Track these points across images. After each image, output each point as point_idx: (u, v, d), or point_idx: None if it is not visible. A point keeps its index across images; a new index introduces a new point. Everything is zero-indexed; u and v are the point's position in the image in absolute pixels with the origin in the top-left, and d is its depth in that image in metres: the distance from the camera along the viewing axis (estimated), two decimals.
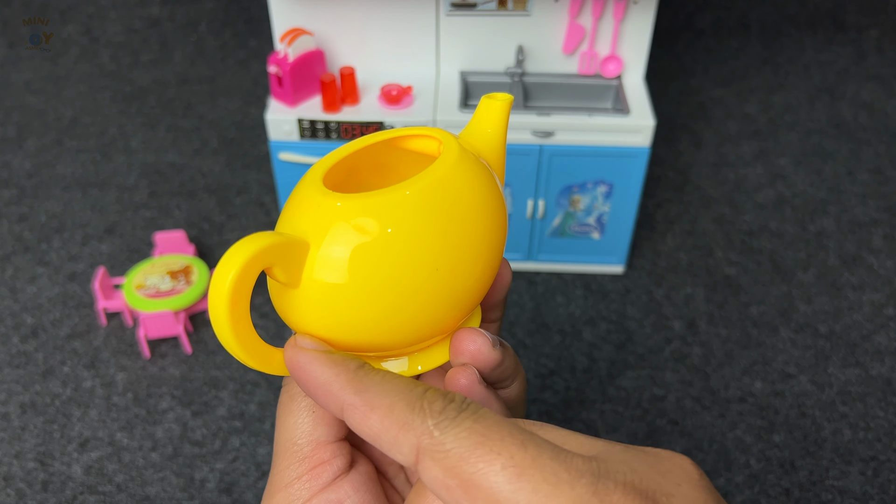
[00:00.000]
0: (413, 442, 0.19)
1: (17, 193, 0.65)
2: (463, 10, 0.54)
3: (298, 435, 0.25)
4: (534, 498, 0.18)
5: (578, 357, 0.52)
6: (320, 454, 0.25)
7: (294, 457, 0.25)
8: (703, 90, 0.80)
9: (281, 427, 0.26)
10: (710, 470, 0.46)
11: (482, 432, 0.19)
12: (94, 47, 0.83)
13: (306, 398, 0.26)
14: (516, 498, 0.18)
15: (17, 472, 0.45)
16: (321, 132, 0.53)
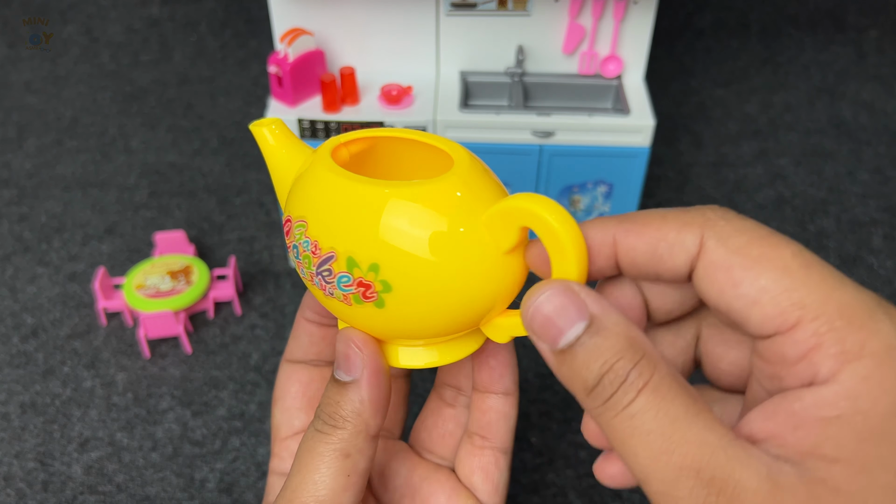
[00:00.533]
0: (697, 232, 0.21)
1: (17, 193, 0.65)
2: (463, 10, 0.54)
3: (321, 495, 0.25)
4: (822, 286, 0.19)
5: None
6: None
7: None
8: (703, 90, 0.80)
9: (299, 477, 0.25)
10: None
11: (769, 229, 0.21)
12: (94, 47, 0.83)
13: (340, 456, 0.25)
14: (807, 274, 0.19)
15: (17, 472, 0.45)
16: (321, 132, 0.53)
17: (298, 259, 0.25)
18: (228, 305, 0.55)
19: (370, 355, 0.26)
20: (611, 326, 0.20)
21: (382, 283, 0.23)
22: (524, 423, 0.48)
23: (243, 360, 0.52)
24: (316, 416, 0.26)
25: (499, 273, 0.24)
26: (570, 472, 0.46)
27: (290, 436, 0.31)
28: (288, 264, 0.59)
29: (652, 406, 0.19)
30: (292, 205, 0.25)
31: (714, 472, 0.19)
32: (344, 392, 0.25)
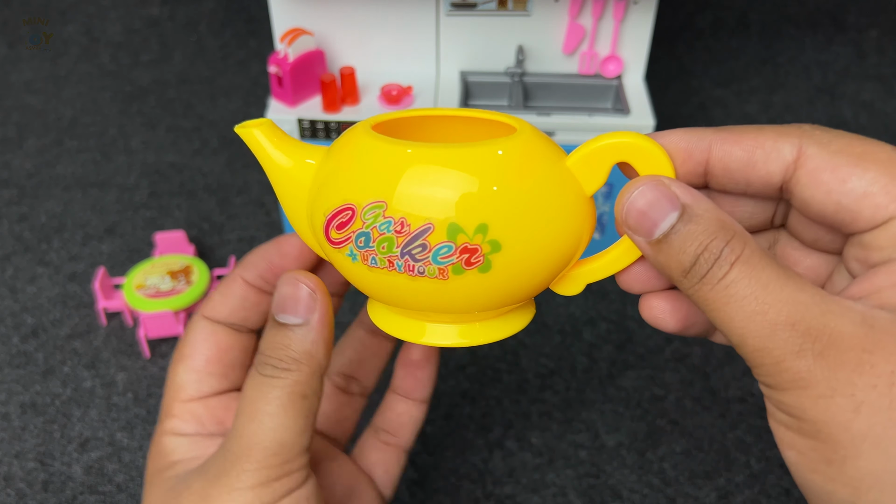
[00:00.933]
0: (794, 142, 0.22)
1: (17, 193, 0.65)
2: (463, 10, 0.54)
3: (282, 438, 0.25)
4: None
5: (578, 357, 0.52)
6: (295, 463, 0.25)
7: (269, 460, 0.24)
8: (703, 90, 0.80)
9: (254, 424, 0.25)
10: (710, 470, 0.46)
11: (861, 135, 0.22)
12: (94, 47, 0.83)
13: (297, 398, 0.25)
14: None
15: (17, 472, 0.45)
16: (321, 132, 0.53)
17: (367, 247, 0.23)
18: None
19: (323, 296, 0.26)
20: (702, 213, 0.22)
21: (491, 244, 0.23)
22: (524, 423, 0.48)
23: None
24: (261, 363, 0.25)
25: (586, 217, 0.25)
26: (570, 472, 0.46)
27: (196, 399, 0.29)
28: None
29: (745, 275, 0.21)
30: (349, 192, 0.24)
31: (809, 323, 0.20)
32: (291, 335, 0.25)
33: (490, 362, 0.52)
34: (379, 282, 0.24)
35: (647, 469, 0.46)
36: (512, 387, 0.50)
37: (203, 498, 0.24)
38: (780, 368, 0.20)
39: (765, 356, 0.20)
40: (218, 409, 0.29)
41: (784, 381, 0.20)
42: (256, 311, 0.30)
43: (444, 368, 0.51)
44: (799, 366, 0.20)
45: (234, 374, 0.30)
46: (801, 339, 0.20)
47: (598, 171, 0.25)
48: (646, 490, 0.45)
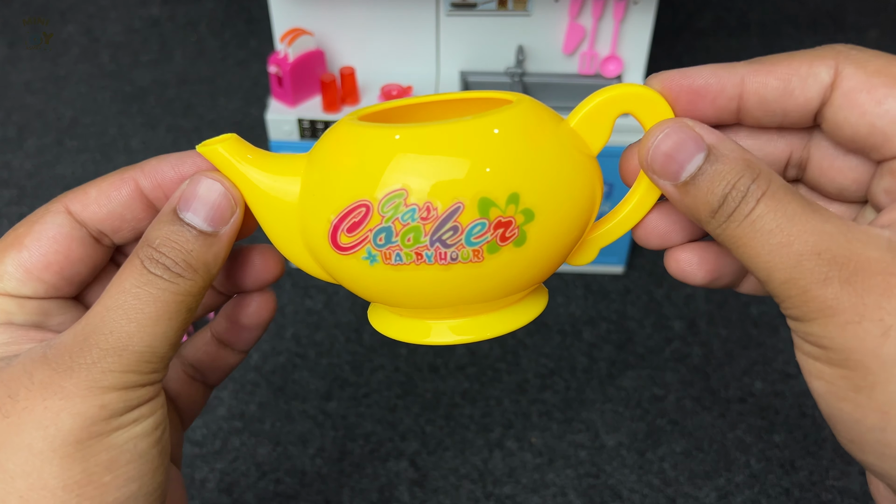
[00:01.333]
0: (830, 63, 0.22)
1: (17, 193, 0.65)
2: (463, 10, 0.54)
3: (156, 346, 0.22)
4: None
5: (578, 357, 0.52)
6: (159, 373, 0.23)
7: (139, 366, 0.22)
8: None
9: (133, 325, 0.22)
10: (710, 470, 0.46)
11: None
12: (94, 47, 0.83)
13: (183, 309, 0.23)
14: None
15: None
16: (321, 132, 0.53)
17: (389, 243, 0.22)
18: None
19: (241, 211, 0.24)
20: (728, 153, 0.21)
21: (524, 213, 0.22)
22: (524, 423, 0.48)
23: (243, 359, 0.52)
24: (150, 258, 0.22)
25: (597, 177, 0.25)
26: (570, 472, 0.46)
27: (9, 295, 0.24)
28: (288, 264, 0.59)
29: (770, 209, 0.20)
30: (358, 187, 0.22)
31: (835, 251, 0.20)
32: (193, 239, 0.23)
33: (490, 362, 0.52)
34: (404, 281, 0.22)
35: (647, 469, 0.46)
36: (512, 387, 0.50)
37: (53, 391, 0.21)
38: (806, 298, 0.20)
39: (791, 287, 0.20)
40: (34, 313, 0.24)
41: (811, 311, 0.20)
42: (133, 226, 0.25)
43: (445, 369, 0.51)
44: (825, 293, 0.20)
45: (67, 288, 0.25)
46: (826, 267, 0.20)
47: (602, 127, 0.24)
48: (646, 490, 0.45)
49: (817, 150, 0.24)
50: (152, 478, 0.23)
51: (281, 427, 0.48)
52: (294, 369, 0.51)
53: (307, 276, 0.58)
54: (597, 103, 0.24)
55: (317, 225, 0.23)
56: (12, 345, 0.23)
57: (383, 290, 0.23)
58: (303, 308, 0.55)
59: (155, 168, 0.26)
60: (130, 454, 0.22)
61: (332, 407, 0.49)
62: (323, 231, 0.23)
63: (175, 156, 0.26)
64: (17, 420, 0.21)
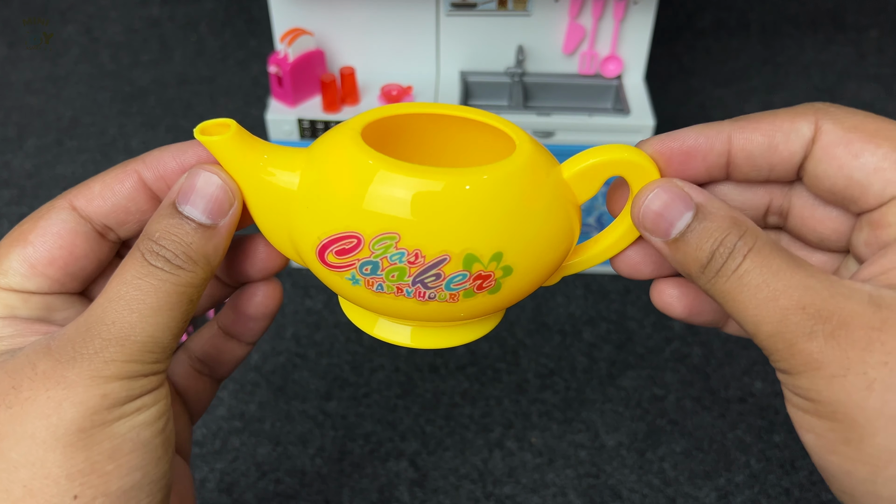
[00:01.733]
0: (811, 119, 0.23)
1: (17, 193, 0.65)
2: (463, 10, 0.54)
3: (158, 336, 0.22)
4: None
5: (578, 357, 0.52)
6: (161, 364, 0.23)
7: (142, 356, 0.22)
8: (703, 90, 0.80)
9: (134, 315, 0.22)
10: (710, 470, 0.46)
11: (874, 114, 0.23)
12: (94, 47, 0.83)
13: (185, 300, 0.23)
14: None
15: None
16: (321, 132, 0.53)
17: (374, 275, 0.23)
18: None
19: (239, 203, 0.24)
20: (715, 211, 0.23)
21: (504, 269, 0.23)
22: (524, 423, 0.48)
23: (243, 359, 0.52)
24: (151, 251, 0.22)
25: (577, 224, 0.26)
26: (570, 472, 0.46)
27: (14, 290, 0.24)
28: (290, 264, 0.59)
29: (757, 265, 0.21)
30: (352, 220, 0.23)
31: (819, 305, 0.20)
32: (192, 232, 0.23)
33: (490, 362, 0.52)
34: (382, 304, 0.24)
35: (647, 469, 0.46)
36: (512, 387, 0.50)
37: (56, 381, 0.21)
38: (792, 352, 0.21)
39: (778, 341, 0.21)
40: (38, 308, 0.25)
41: (798, 364, 0.21)
42: (138, 218, 0.25)
43: (445, 369, 0.51)
44: (811, 347, 0.20)
45: (71, 284, 0.25)
46: (811, 322, 0.20)
47: (592, 184, 0.25)
48: (646, 490, 0.45)
49: (798, 200, 0.25)
50: (156, 467, 0.23)
51: (281, 427, 0.48)
52: (294, 369, 0.51)
53: (307, 276, 0.58)
54: (591, 164, 0.25)
55: (307, 236, 0.24)
56: (17, 337, 0.24)
57: (360, 303, 0.25)
58: (303, 308, 0.55)
59: (157, 159, 0.25)
60: (133, 443, 0.22)
61: (332, 407, 0.49)
62: (311, 245, 0.23)
63: (176, 146, 0.26)
64: (21, 410, 0.21)
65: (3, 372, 0.22)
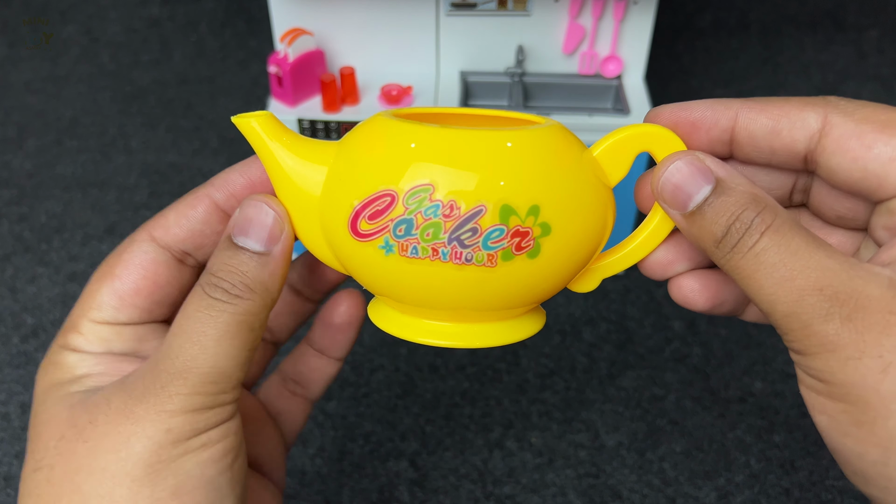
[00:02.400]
0: (820, 112, 0.23)
1: (17, 193, 0.65)
2: (463, 10, 0.54)
3: (222, 366, 0.23)
4: None
5: (578, 357, 0.52)
6: (228, 395, 0.23)
7: (206, 387, 0.23)
8: (703, 90, 0.80)
9: (196, 347, 0.23)
10: (710, 470, 0.46)
11: (884, 105, 0.23)
12: (94, 47, 0.83)
13: (245, 328, 0.23)
14: None
15: (17, 472, 0.45)
16: (321, 132, 0.53)
17: (408, 235, 0.22)
18: None
19: (290, 228, 0.25)
20: (735, 186, 0.22)
21: (542, 227, 0.23)
22: (524, 423, 0.48)
23: None
24: (210, 284, 0.23)
25: (610, 207, 0.26)
26: (570, 472, 0.46)
27: (108, 323, 0.26)
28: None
29: (774, 243, 0.21)
30: (386, 177, 0.22)
31: (836, 288, 0.20)
32: (248, 261, 0.24)
33: (490, 362, 0.52)
34: (416, 275, 0.23)
35: (647, 469, 0.46)
36: (512, 387, 0.50)
37: (126, 416, 0.22)
38: (808, 333, 0.20)
39: (793, 321, 0.21)
40: (131, 339, 0.26)
41: (812, 346, 0.20)
42: (214, 241, 0.27)
43: (445, 369, 0.51)
44: (827, 329, 0.20)
45: (159, 311, 0.27)
46: (828, 304, 0.20)
47: (622, 161, 0.25)
48: (646, 490, 0.45)
49: (819, 181, 0.25)
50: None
51: None
52: None
53: None
54: (618, 139, 0.25)
55: (339, 209, 0.23)
56: (105, 376, 0.25)
57: (393, 281, 0.24)
58: None
59: (224, 180, 0.27)
60: (197, 480, 0.22)
61: (332, 407, 0.49)
62: (344, 216, 0.23)
63: (241, 164, 0.27)
64: (95, 444, 0.22)
65: (83, 407, 0.23)
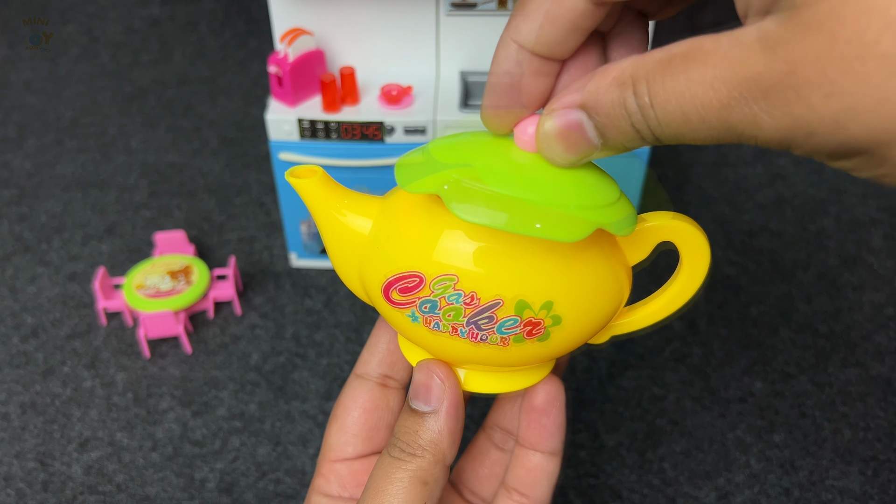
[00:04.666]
0: None
1: (17, 193, 0.65)
2: (463, 10, 0.54)
3: None
4: None
5: (578, 357, 0.52)
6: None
7: None
8: None
9: (376, 502, 0.26)
10: (710, 470, 0.46)
11: None
12: (94, 47, 0.83)
13: (418, 483, 0.26)
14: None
15: (17, 472, 0.45)
16: (321, 132, 0.53)
17: (432, 313, 0.25)
18: (228, 305, 0.55)
19: (452, 387, 0.27)
20: (594, 91, 0.22)
21: (553, 318, 0.24)
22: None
23: (243, 360, 0.52)
24: (392, 444, 0.27)
25: (627, 285, 0.27)
26: (570, 471, 0.46)
27: (341, 460, 0.31)
28: (288, 264, 0.59)
29: (659, 83, 0.20)
30: (417, 260, 0.25)
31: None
32: (422, 422, 0.26)
33: None
34: (437, 342, 0.26)
35: (647, 469, 0.46)
36: None
37: None
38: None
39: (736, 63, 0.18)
40: (360, 472, 0.30)
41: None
42: (403, 360, 0.31)
43: None
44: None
45: (378, 437, 0.31)
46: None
47: (643, 247, 0.27)
48: (646, 490, 0.45)
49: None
50: None
51: (281, 427, 0.48)
52: (294, 369, 0.51)
53: (307, 276, 0.58)
54: (643, 228, 0.26)
55: (375, 275, 0.26)
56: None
57: (419, 342, 0.27)
58: (303, 308, 0.55)
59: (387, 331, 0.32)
60: None
61: (332, 407, 0.49)
62: (379, 282, 0.26)
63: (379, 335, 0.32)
64: None
65: None
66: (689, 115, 0.20)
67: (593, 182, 0.24)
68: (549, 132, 0.23)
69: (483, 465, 0.33)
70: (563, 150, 0.23)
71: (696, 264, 0.27)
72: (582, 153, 0.23)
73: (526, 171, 0.24)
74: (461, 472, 0.34)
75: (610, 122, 0.22)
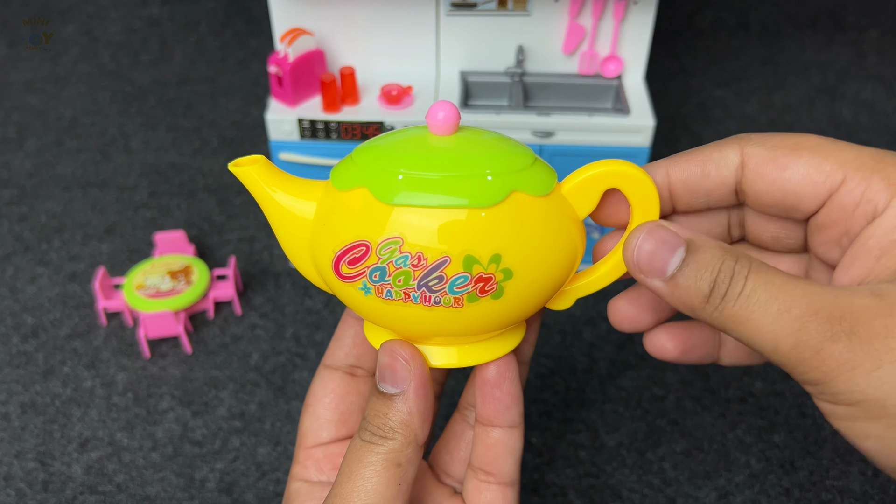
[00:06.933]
0: (736, 147, 0.25)
1: (17, 193, 0.65)
2: (463, 10, 0.54)
3: (374, 502, 0.26)
4: (850, 149, 0.25)
5: (578, 357, 0.52)
6: None
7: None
8: (703, 90, 0.80)
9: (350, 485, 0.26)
10: (710, 470, 0.46)
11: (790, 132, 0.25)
12: (94, 47, 0.83)
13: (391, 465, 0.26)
14: (834, 145, 0.25)
15: (17, 472, 0.45)
16: (321, 132, 0.53)
17: (382, 281, 0.25)
18: (228, 305, 0.55)
19: (417, 367, 0.27)
20: (704, 242, 0.23)
21: (504, 272, 0.24)
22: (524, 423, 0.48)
23: (243, 360, 0.52)
24: (363, 428, 0.27)
25: (579, 239, 0.27)
26: (570, 472, 0.46)
27: (316, 446, 0.32)
28: (288, 265, 0.59)
29: (760, 282, 0.22)
30: (361, 229, 0.25)
31: (829, 309, 0.21)
32: (390, 404, 0.26)
33: None
34: (393, 312, 0.26)
35: (647, 469, 0.46)
36: None
37: None
38: (821, 357, 0.21)
39: (803, 350, 0.21)
40: (336, 455, 0.31)
41: (830, 370, 0.21)
42: (370, 350, 0.32)
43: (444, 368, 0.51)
44: (839, 349, 0.20)
45: (351, 421, 0.32)
46: (829, 325, 0.21)
47: (590, 197, 0.27)
48: (646, 490, 0.45)
49: (750, 214, 0.27)
50: None
51: (281, 427, 0.48)
52: (294, 369, 0.51)
53: None
54: (586, 177, 0.26)
55: (324, 251, 0.26)
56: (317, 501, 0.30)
57: (374, 315, 0.27)
58: (303, 308, 0.55)
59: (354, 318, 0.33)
60: None
61: None
62: (328, 258, 0.26)
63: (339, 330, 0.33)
64: None
65: None
66: (760, 322, 0.22)
67: (507, 151, 0.26)
68: (641, 252, 0.24)
69: (458, 447, 0.33)
70: (642, 267, 0.24)
71: (646, 208, 0.27)
72: (647, 277, 0.24)
73: (442, 151, 0.25)
74: (437, 455, 0.34)
75: (697, 276, 0.23)
